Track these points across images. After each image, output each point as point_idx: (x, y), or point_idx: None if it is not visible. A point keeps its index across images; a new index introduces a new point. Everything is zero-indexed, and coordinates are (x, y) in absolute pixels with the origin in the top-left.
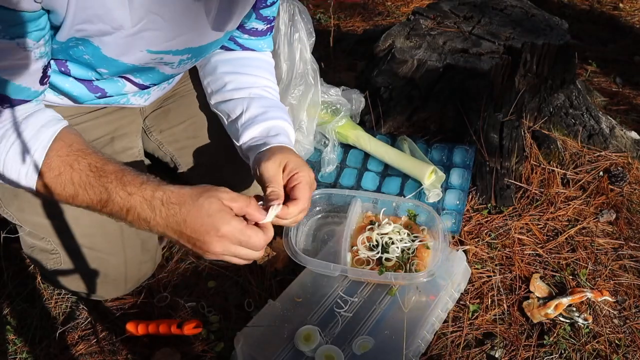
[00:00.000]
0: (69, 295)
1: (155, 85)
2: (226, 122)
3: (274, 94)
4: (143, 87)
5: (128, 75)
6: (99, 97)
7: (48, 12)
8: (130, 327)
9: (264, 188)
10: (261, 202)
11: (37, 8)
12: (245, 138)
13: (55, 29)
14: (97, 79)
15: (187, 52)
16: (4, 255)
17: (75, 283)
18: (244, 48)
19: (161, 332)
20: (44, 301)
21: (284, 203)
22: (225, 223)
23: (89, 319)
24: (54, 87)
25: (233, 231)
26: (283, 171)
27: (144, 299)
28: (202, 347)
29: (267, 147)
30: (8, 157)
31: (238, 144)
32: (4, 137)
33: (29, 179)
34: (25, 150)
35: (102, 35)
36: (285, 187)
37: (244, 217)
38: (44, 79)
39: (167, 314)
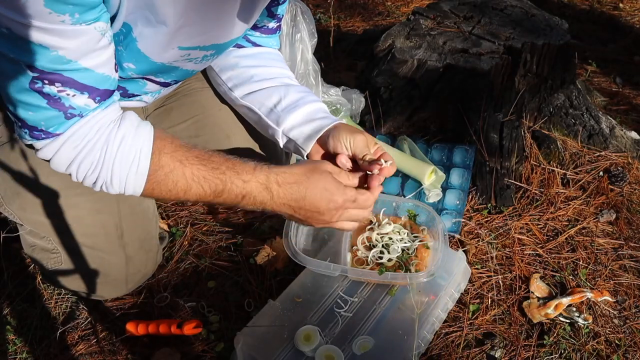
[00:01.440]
0: (69, 295)
1: (176, 82)
2: (259, 111)
3: (297, 83)
4: (165, 85)
5: (151, 76)
6: (121, 95)
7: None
8: (130, 327)
9: (362, 157)
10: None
11: None
12: (291, 122)
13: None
14: (122, 77)
15: (213, 48)
16: (4, 255)
17: (75, 283)
18: (256, 45)
19: (161, 332)
20: (44, 301)
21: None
22: (341, 194)
23: (89, 319)
24: None
25: (348, 198)
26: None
27: (144, 299)
28: (202, 347)
29: (332, 124)
30: (116, 163)
31: (278, 130)
32: (107, 143)
33: (138, 182)
34: (131, 152)
35: (145, 26)
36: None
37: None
38: (115, 65)
39: (167, 314)
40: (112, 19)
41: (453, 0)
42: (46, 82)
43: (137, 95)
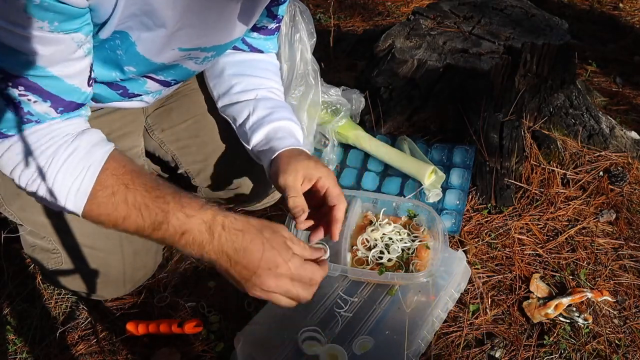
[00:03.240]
0: (69, 295)
1: (177, 82)
2: (235, 127)
3: (280, 95)
4: (166, 84)
5: (151, 74)
6: (121, 95)
7: (92, 10)
8: (130, 327)
9: (286, 198)
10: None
11: (86, 5)
12: (254, 141)
13: (97, 26)
14: (122, 79)
15: (213, 49)
16: (4, 255)
17: (75, 283)
18: (252, 48)
19: (161, 332)
20: (44, 301)
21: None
22: (287, 259)
23: (89, 319)
24: None
25: (293, 267)
26: (303, 179)
27: (144, 299)
28: (202, 347)
29: (277, 152)
30: (59, 174)
31: (249, 148)
32: (56, 153)
33: (79, 198)
34: (77, 168)
35: (143, 31)
36: (311, 193)
37: None
38: (89, 80)
39: (167, 314)
40: (103, 25)
41: (453, 0)
42: (10, 83)
43: (137, 95)
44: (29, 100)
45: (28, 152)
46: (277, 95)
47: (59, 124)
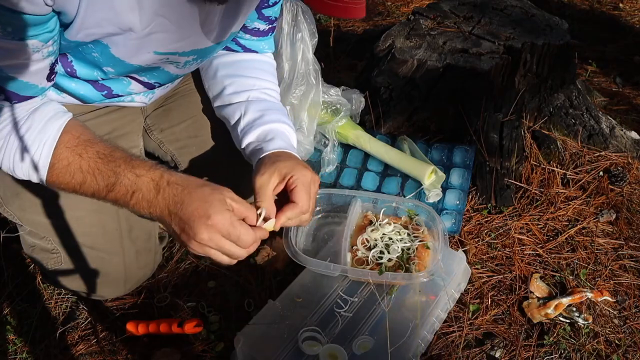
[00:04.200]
0: (69, 295)
1: (160, 85)
2: (229, 128)
3: (274, 95)
4: (150, 87)
5: (134, 75)
6: (106, 96)
7: (59, 13)
8: (130, 326)
9: (255, 199)
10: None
11: (48, 11)
12: (245, 143)
13: (65, 26)
14: (103, 79)
15: (193, 53)
16: (4, 255)
17: (75, 283)
18: (245, 49)
19: (161, 332)
20: (44, 301)
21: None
22: (218, 212)
23: (89, 319)
24: (59, 88)
25: (224, 221)
26: (279, 179)
27: (144, 299)
28: (202, 347)
29: (263, 154)
30: (17, 153)
31: (241, 150)
32: (11, 133)
33: (39, 172)
34: (34, 144)
35: (114, 35)
36: (286, 191)
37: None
38: (51, 75)
39: (167, 314)
40: (68, 25)
41: (453, 0)
42: None
43: (122, 96)
44: None
45: None
46: (270, 96)
47: (10, 106)
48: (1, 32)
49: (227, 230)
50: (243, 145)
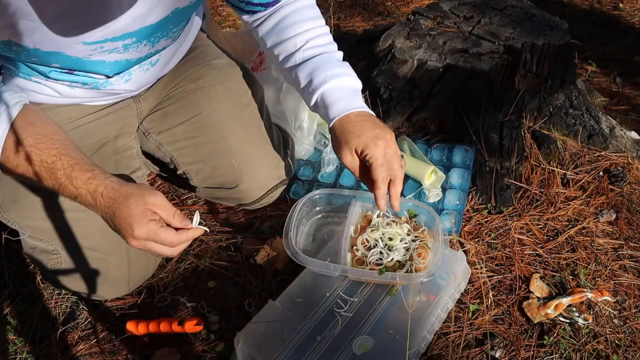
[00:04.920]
0: (69, 295)
1: (118, 73)
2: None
3: (317, 42)
4: (105, 77)
5: (87, 68)
6: (68, 73)
7: None
8: (130, 326)
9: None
10: None
11: None
12: (312, 107)
13: None
14: (63, 69)
15: (128, 36)
16: (4, 255)
17: (75, 283)
18: (266, 6)
19: (162, 331)
20: (44, 301)
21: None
22: (139, 225)
23: (89, 319)
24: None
25: (146, 232)
26: (353, 154)
27: (144, 299)
28: (202, 347)
29: (330, 124)
30: None
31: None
32: None
33: None
34: None
35: (31, 34)
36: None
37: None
38: None
39: (167, 313)
40: None
41: (453, 0)
42: None
43: (85, 76)
44: None
45: None
46: (311, 47)
47: None
48: None
49: (151, 238)
50: (312, 109)
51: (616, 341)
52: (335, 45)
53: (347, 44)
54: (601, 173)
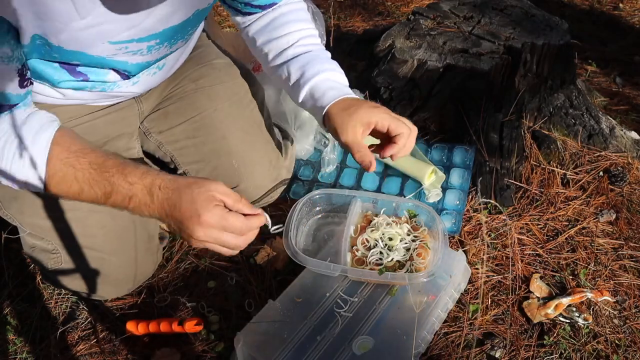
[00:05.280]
0: (69, 295)
1: (135, 74)
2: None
3: (309, 41)
4: (125, 76)
5: (110, 66)
6: (82, 81)
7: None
8: (130, 326)
9: (352, 154)
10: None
11: None
12: (300, 100)
13: (16, 33)
14: (79, 65)
15: (153, 37)
16: (4, 255)
17: (75, 283)
18: (263, 7)
19: (162, 331)
20: (44, 301)
21: (385, 146)
22: (207, 210)
23: (89, 319)
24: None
25: (214, 217)
26: (363, 128)
27: (144, 299)
28: (202, 347)
29: (324, 110)
30: (13, 167)
31: (299, 104)
32: (4, 149)
33: (37, 185)
34: (28, 159)
35: (58, 33)
36: (375, 133)
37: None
38: (23, 82)
39: (167, 313)
40: (18, 32)
41: (453, 0)
42: None
43: (104, 83)
44: None
45: None
46: (303, 45)
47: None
48: None
49: (220, 224)
50: (299, 102)
51: (616, 341)
52: (324, 48)
53: (347, 44)
54: (601, 173)
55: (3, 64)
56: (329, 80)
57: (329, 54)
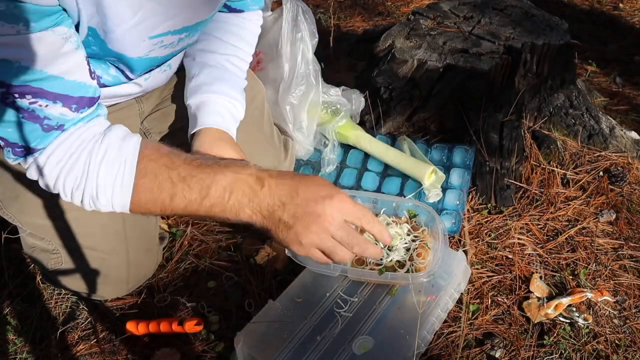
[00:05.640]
0: (69, 295)
1: (158, 66)
2: (186, 79)
3: (238, 65)
4: (145, 72)
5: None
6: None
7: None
8: (130, 326)
9: None
10: None
11: (56, 3)
12: (188, 102)
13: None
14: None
15: (185, 30)
16: (4, 255)
17: (76, 283)
18: (230, 9)
19: (162, 331)
20: (44, 301)
21: None
22: (339, 191)
23: (89, 319)
24: None
25: (348, 199)
26: None
27: (144, 299)
28: (202, 347)
29: (199, 127)
30: (100, 176)
31: (187, 104)
32: (90, 156)
33: (125, 192)
34: (114, 165)
35: (108, 32)
36: None
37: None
38: (91, 73)
39: (167, 314)
40: (77, 27)
41: (453, 0)
42: (16, 95)
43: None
44: (40, 105)
45: (64, 163)
46: (232, 64)
47: (82, 127)
48: (26, 28)
49: (353, 212)
50: (187, 103)
51: (616, 341)
52: (245, 76)
53: (347, 44)
54: (601, 173)
55: (75, 49)
56: (225, 108)
57: (245, 84)
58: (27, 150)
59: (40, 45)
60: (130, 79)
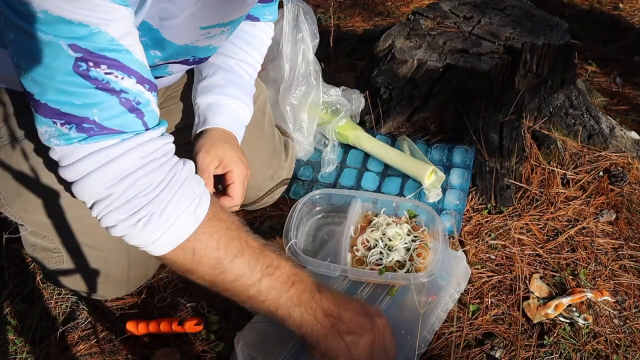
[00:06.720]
0: (69, 295)
1: (194, 62)
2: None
3: (250, 72)
4: (186, 63)
5: (174, 58)
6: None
7: None
8: (130, 326)
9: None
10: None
11: None
12: (197, 101)
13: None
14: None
15: (230, 23)
16: (5, 255)
17: (76, 282)
18: (247, 16)
19: (162, 331)
20: (44, 301)
21: (220, 194)
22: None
23: (89, 319)
24: None
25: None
26: (219, 165)
27: (144, 299)
28: (202, 347)
29: (208, 127)
30: (177, 194)
31: (194, 103)
32: (175, 171)
33: (195, 220)
34: (191, 195)
35: (165, 17)
36: (221, 177)
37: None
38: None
39: (167, 314)
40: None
41: (453, 0)
42: (91, 64)
43: (158, 78)
44: (117, 77)
45: (148, 160)
46: (244, 70)
47: (164, 138)
48: None
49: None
50: (195, 102)
51: (616, 341)
52: (253, 82)
53: (347, 44)
54: (601, 173)
55: (136, 32)
56: (237, 112)
57: (254, 90)
58: (99, 128)
59: (117, 16)
60: (187, 63)
